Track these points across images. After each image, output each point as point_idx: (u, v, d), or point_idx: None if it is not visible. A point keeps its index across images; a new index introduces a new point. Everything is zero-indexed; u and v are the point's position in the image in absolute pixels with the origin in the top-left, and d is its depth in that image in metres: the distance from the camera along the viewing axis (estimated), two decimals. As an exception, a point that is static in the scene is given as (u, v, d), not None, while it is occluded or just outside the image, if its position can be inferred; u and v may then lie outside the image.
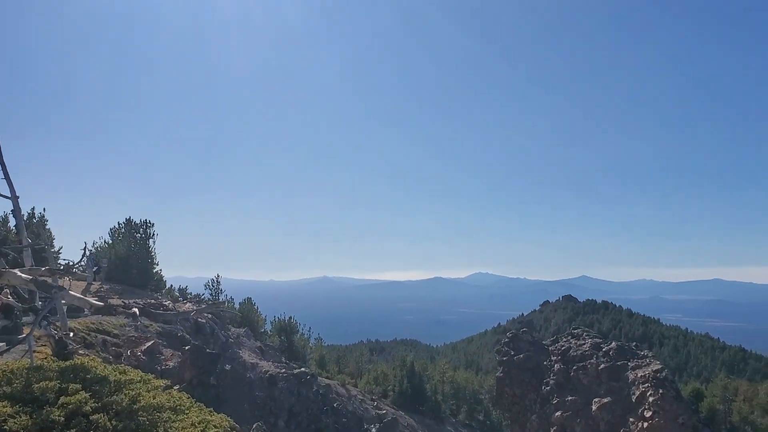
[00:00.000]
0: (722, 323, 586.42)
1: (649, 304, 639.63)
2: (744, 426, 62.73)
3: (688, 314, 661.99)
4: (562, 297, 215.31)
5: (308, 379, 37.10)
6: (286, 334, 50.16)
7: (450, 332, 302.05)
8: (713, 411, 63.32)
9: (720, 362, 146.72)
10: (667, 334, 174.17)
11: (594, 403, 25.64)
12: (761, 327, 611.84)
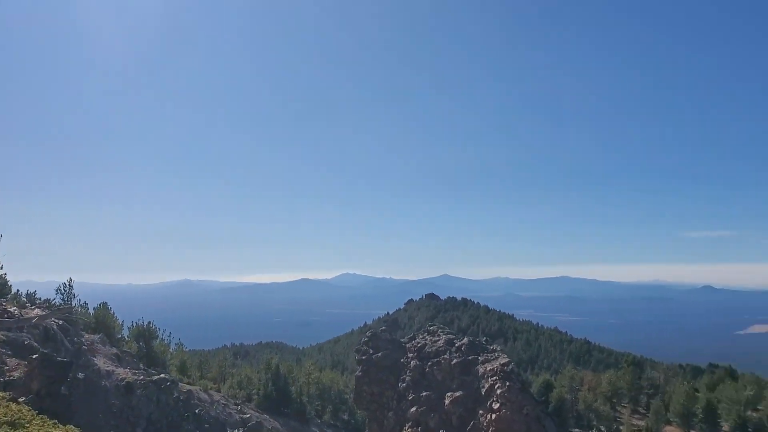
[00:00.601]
0: (570, 318, 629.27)
1: (505, 300, 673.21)
2: (588, 414, 67.58)
3: (540, 310, 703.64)
4: (425, 296, 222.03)
5: (168, 386, 35.77)
6: (145, 339, 48.00)
7: (317, 333, 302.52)
8: (561, 400, 67.64)
9: (568, 354, 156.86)
10: (520, 328, 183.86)
11: (447, 398, 26.62)
12: (604, 321, 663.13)
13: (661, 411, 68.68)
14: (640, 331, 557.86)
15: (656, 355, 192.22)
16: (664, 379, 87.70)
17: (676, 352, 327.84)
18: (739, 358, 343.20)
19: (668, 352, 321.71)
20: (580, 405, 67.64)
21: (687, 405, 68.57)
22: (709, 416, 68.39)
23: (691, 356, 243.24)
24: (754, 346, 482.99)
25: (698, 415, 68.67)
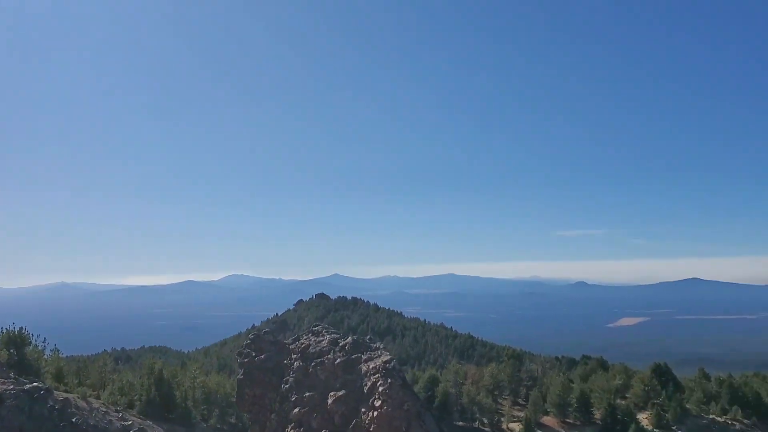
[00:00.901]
0: (455, 313, 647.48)
1: (394, 298, 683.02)
2: (472, 407, 69.68)
3: (427, 306, 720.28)
4: (315, 296, 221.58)
5: (42, 395, 33.61)
6: (16, 346, 44.69)
7: (203, 337, 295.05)
8: (447, 395, 69.29)
9: (453, 349, 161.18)
10: (408, 325, 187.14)
11: (330, 397, 26.59)
12: (487, 316, 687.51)
13: (539, 402, 71.95)
14: (520, 326, 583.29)
15: (535, 348, 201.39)
16: (542, 371, 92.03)
17: (553, 345, 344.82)
18: (609, 349, 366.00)
19: (546, 345, 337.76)
20: (464, 398, 69.58)
21: (563, 395, 72.28)
22: (582, 405, 72.45)
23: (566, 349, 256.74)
24: (623, 337, 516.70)
25: (573, 404, 72.59)
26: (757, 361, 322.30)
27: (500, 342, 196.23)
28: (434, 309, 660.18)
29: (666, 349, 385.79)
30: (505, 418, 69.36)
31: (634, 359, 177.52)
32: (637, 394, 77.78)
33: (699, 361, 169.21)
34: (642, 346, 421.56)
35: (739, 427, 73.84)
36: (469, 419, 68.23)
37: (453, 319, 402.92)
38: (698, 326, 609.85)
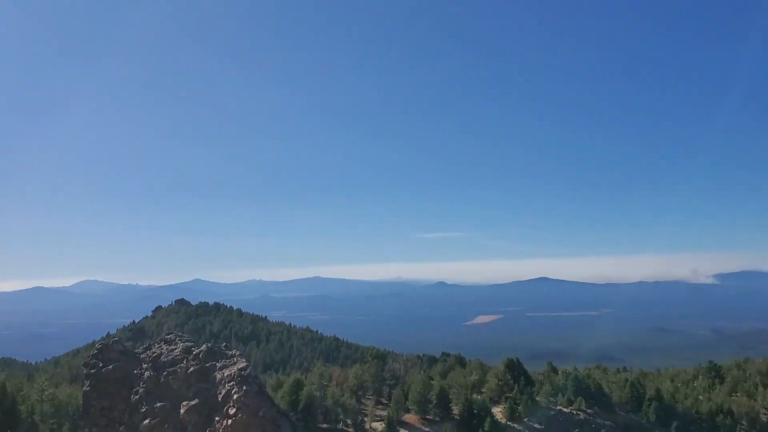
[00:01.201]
0: (321, 316, 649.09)
1: (259, 302, 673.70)
2: (336, 408, 70.31)
3: (293, 310, 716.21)
4: (175, 301, 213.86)
5: None
6: None
7: (53, 347, 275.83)
8: (311, 398, 69.41)
9: (318, 352, 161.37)
10: (273, 330, 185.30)
11: (182, 407, 26.09)
12: (353, 318, 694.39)
13: (401, 400, 73.87)
14: (385, 326, 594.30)
15: (398, 348, 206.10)
16: (405, 370, 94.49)
17: (416, 344, 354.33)
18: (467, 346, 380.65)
19: (409, 343, 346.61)
20: (328, 401, 70.04)
21: (423, 393, 74.68)
22: (441, 401, 75.26)
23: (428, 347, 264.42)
24: (479, 334, 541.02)
25: (433, 400, 75.21)
26: (598, 354, 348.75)
27: (366, 343, 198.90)
28: (300, 312, 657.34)
29: (518, 344, 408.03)
30: (369, 418, 70.58)
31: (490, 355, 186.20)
32: (492, 389, 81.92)
33: (547, 355, 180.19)
34: (496, 342, 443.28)
35: (582, 416, 79.81)
36: (333, 421, 68.82)
37: (319, 322, 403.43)
38: (547, 323, 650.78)
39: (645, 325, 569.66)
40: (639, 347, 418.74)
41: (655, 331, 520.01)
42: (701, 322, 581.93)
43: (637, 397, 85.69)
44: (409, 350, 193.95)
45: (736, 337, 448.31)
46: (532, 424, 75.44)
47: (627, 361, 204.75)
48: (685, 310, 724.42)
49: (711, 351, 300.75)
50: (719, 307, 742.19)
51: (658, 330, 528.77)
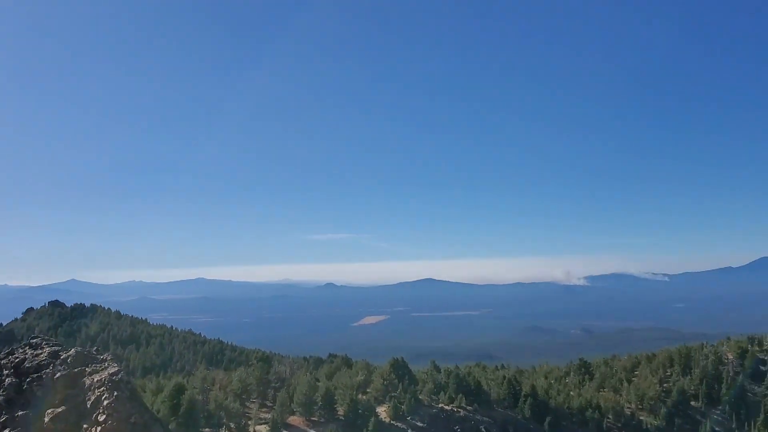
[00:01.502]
0: (205, 319, 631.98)
1: (138, 304, 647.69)
2: (219, 412, 69.07)
3: (175, 312, 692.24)
4: (48, 303, 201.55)
5: None
6: None
7: None
8: (193, 402, 67.80)
9: (201, 355, 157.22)
10: (153, 333, 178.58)
11: (47, 415, 24.99)
12: (238, 320, 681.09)
13: (286, 402, 73.64)
14: (272, 328, 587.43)
15: (285, 350, 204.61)
16: (290, 372, 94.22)
17: (303, 345, 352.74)
18: (354, 347, 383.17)
19: (296, 345, 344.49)
20: (210, 405, 68.72)
21: (309, 394, 74.82)
22: (327, 402, 75.69)
23: (314, 348, 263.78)
24: (366, 335, 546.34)
25: (318, 402, 75.49)
26: (479, 352, 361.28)
27: (251, 346, 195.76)
28: (183, 315, 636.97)
29: (403, 344, 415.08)
30: (253, 421, 69.88)
31: (376, 356, 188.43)
32: (377, 389, 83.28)
33: (431, 354, 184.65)
34: (383, 342, 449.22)
35: (463, 413, 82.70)
36: (216, 425, 67.55)
37: (203, 324, 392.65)
38: (431, 322, 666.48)
39: (522, 324, 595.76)
40: (516, 345, 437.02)
41: (530, 330, 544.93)
42: (573, 321, 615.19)
43: (513, 394, 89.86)
44: (296, 352, 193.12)
45: (605, 335, 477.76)
46: (415, 423, 77.36)
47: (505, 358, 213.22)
48: (558, 310, 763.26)
49: (581, 349, 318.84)
50: (589, 307, 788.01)
51: (534, 329, 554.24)
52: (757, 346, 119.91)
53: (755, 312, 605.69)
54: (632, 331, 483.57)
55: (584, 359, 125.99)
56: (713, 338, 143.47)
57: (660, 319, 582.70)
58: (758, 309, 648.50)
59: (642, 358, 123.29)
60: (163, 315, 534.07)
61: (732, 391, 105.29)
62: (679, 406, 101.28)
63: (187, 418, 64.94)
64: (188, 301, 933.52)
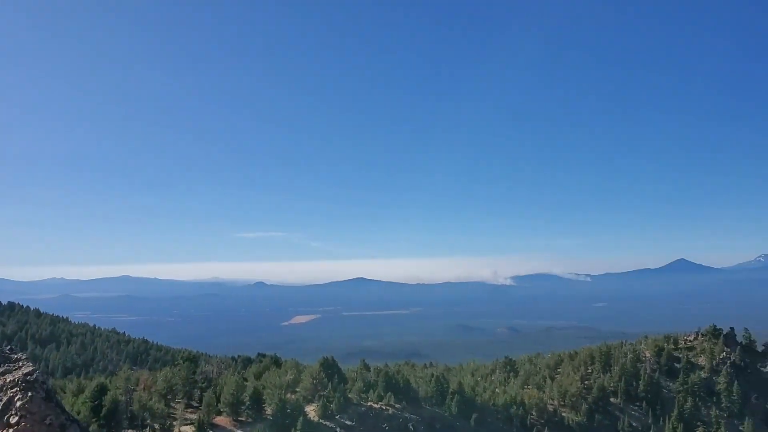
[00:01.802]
0: (129, 317, 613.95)
1: (60, 302, 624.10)
2: (143, 413, 67.50)
3: (98, 311, 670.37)
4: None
5: None
6: None
7: None
8: (116, 402, 66.08)
9: (125, 355, 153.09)
10: (75, 332, 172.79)
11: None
12: (164, 319, 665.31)
13: (212, 403, 72.55)
14: (200, 327, 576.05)
15: (213, 350, 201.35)
16: (217, 372, 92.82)
17: (231, 345, 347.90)
18: (283, 346, 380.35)
19: (224, 345, 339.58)
20: (134, 405, 67.05)
21: (236, 394, 73.97)
22: (255, 402, 75.03)
23: (243, 348, 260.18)
24: (296, 334, 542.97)
25: (246, 402, 74.74)
26: (408, 351, 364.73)
27: (177, 345, 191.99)
28: (106, 313, 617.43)
29: (333, 343, 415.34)
30: (178, 422, 68.58)
31: (306, 355, 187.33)
32: (307, 388, 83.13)
33: (361, 353, 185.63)
34: (312, 342, 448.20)
35: (391, 411, 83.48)
36: (140, 426, 65.99)
37: (127, 323, 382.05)
38: (362, 321, 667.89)
39: (450, 322, 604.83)
40: (444, 344, 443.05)
41: (459, 329, 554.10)
42: (500, 320, 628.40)
43: (441, 392, 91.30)
44: (224, 352, 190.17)
45: (530, 333, 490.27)
46: (343, 421, 77.61)
47: (433, 357, 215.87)
48: (485, 309, 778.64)
49: (507, 347, 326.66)
50: (516, 306, 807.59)
51: (462, 327, 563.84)
52: (673, 344, 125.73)
53: (671, 311, 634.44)
54: (556, 329, 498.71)
55: (510, 357, 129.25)
56: (632, 337, 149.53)
57: (582, 318, 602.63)
58: (674, 308, 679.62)
59: (564, 356, 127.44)
60: (86, 313, 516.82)
61: (649, 387, 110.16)
62: (599, 402, 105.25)
63: (110, 419, 63.23)
64: (112, 300, 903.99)
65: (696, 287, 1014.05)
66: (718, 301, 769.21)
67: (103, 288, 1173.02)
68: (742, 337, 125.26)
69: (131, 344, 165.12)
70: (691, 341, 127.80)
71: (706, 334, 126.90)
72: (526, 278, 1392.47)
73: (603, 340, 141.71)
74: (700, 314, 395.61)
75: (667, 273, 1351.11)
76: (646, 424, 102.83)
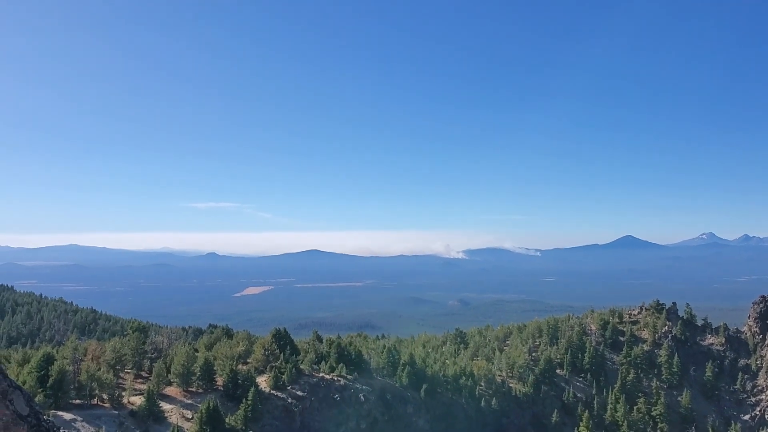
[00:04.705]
0: (77, 287, 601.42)
1: (4, 271, 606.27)
2: (91, 383, 66.53)
3: (45, 280, 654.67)
4: None
5: None
6: None
7: None
8: (63, 372, 64.90)
9: (73, 325, 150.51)
10: (21, 301, 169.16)
11: None
12: (114, 288, 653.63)
13: (162, 373, 72.00)
14: (150, 298, 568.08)
15: (163, 320, 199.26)
16: (168, 343, 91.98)
17: (182, 316, 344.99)
18: (235, 317, 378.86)
19: (175, 315, 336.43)
20: (82, 375, 66.05)
21: (187, 365, 73.50)
22: (206, 373, 74.72)
23: (195, 318, 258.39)
24: (248, 305, 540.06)
25: (196, 372, 74.37)
26: (360, 323, 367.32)
27: (127, 315, 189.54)
28: (54, 283, 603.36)
29: (286, 315, 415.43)
30: (127, 392, 67.92)
31: (258, 326, 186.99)
32: (258, 359, 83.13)
33: (314, 325, 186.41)
34: (265, 313, 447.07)
35: (343, 382, 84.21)
36: (88, 396, 65.09)
37: (75, 292, 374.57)
38: (315, 293, 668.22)
39: (403, 295, 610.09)
40: (397, 316, 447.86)
41: (411, 301, 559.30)
42: (451, 292, 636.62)
43: (392, 363, 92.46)
44: (175, 322, 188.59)
45: (480, 306, 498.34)
46: (295, 392, 78.03)
47: (386, 329, 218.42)
48: (438, 282, 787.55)
49: (458, 319, 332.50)
50: (467, 279, 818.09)
51: (414, 300, 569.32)
52: (618, 318, 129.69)
53: (617, 286, 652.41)
54: (505, 302, 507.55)
55: (460, 329, 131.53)
56: (579, 310, 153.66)
57: (531, 292, 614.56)
58: (620, 283, 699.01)
59: (513, 328, 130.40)
60: (32, 282, 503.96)
61: (593, 360, 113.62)
62: (545, 373, 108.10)
63: (56, 389, 62.18)
64: (59, 268, 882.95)
65: (641, 263, 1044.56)
66: (662, 276, 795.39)
67: (50, 257, 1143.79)
68: (684, 311, 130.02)
69: (79, 314, 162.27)
70: (635, 315, 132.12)
71: (649, 309, 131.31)
72: (478, 252, 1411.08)
73: (551, 314, 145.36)
74: (645, 289, 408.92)
75: (614, 249, 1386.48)
76: (590, 395, 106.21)
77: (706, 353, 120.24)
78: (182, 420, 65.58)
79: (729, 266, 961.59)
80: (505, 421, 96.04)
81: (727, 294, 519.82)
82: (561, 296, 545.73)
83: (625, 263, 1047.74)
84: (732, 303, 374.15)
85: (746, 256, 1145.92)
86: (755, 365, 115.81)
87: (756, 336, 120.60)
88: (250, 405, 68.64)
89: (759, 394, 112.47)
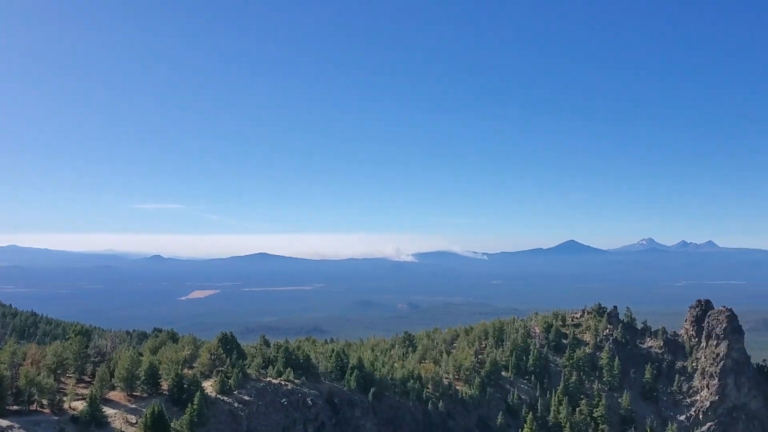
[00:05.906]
0: (17, 289, 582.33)
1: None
2: (30, 388, 64.79)
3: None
4: None
5: None
6: None
7: None
8: (0, 378, 63.04)
9: (11, 328, 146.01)
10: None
11: None
12: (55, 291, 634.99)
13: (106, 377, 70.59)
14: (93, 300, 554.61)
15: (106, 323, 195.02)
16: (111, 347, 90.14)
17: (126, 319, 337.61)
18: (181, 321, 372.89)
19: (118, 319, 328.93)
20: (21, 381, 64.25)
21: (131, 369, 72.23)
22: (150, 377, 73.54)
23: (139, 322, 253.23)
24: (194, 309, 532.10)
25: (141, 377, 73.14)
26: (309, 327, 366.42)
27: (69, 318, 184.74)
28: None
29: (233, 319, 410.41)
30: (69, 398, 66.34)
31: (204, 330, 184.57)
32: (204, 363, 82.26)
33: (261, 329, 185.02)
34: (212, 317, 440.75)
35: (290, 387, 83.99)
36: (27, 402, 63.36)
37: (14, 295, 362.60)
38: (263, 297, 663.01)
39: (352, 298, 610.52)
40: (346, 319, 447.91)
41: (360, 305, 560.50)
42: (400, 295, 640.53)
43: (341, 367, 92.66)
44: (119, 326, 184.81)
45: (429, 309, 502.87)
46: (242, 396, 77.50)
47: (335, 332, 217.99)
48: (387, 285, 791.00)
49: (407, 322, 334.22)
50: (416, 283, 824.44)
51: (364, 303, 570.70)
52: (561, 321, 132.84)
53: (561, 289, 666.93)
54: (454, 305, 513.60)
55: (409, 332, 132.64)
56: (523, 313, 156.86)
57: (478, 295, 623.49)
58: (563, 287, 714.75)
59: (461, 331, 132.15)
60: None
61: (537, 362, 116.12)
62: (491, 376, 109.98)
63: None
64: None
65: (584, 267, 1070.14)
66: (603, 280, 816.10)
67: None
68: (624, 315, 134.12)
69: (18, 317, 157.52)
70: (578, 318, 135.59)
71: (591, 312, 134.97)
72: (427, 255, 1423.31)
73: (497, 317, 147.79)
74: (587, 293, 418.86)
75: (557, 253, 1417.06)
76: (534, 396, 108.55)
77: (646, 356, 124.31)
78: (126, 425, 64.45)
79: (667, 271, 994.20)
80: (451, 423, 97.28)
81: (666, 298, 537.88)
82: (507, 299, 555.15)
83: (568, 267, 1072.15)
84: (670, 307, 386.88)
85: (684, 261, 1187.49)
86: (691, 367, 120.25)
87: (692, 339, 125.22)
88: (195, 409, 67.84)
89: (694, 395, 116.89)
